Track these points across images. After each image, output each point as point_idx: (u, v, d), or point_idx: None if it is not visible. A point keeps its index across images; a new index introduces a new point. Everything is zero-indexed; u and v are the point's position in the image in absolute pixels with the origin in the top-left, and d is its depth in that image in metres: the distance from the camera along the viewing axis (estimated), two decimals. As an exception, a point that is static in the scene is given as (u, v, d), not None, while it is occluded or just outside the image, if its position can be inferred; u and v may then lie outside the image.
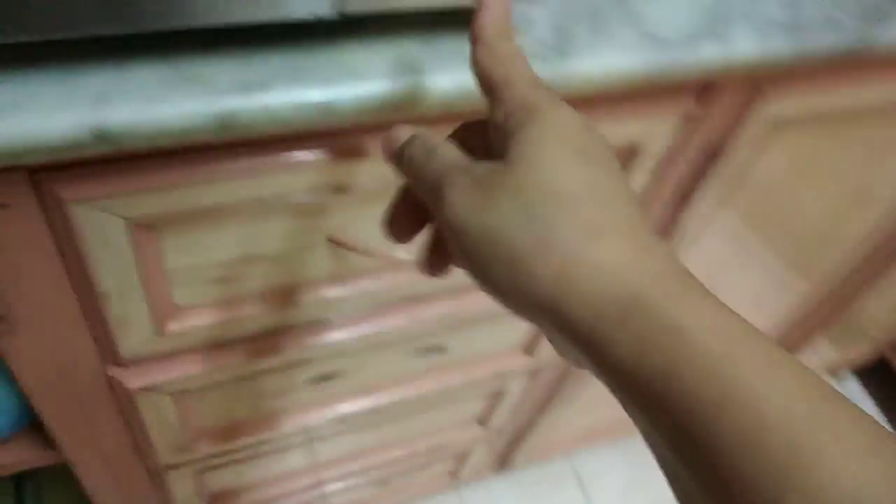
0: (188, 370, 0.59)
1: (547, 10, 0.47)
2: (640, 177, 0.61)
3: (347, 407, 0.77)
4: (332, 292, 0.59)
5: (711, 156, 0.62)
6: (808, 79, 0.59)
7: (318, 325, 0.62)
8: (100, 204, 0.42)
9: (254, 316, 0.57)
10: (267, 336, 0.60)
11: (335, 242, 0.54)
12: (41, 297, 0.47)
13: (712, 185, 0.66)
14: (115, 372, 0.56)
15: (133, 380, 0.57)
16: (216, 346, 0.58)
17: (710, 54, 0.48)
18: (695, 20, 0.49)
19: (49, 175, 0.40)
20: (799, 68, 0.53)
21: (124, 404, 0.59)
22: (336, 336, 0.63)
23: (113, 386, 0.57)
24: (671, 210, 0.69)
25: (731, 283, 0.91)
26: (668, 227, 0.71)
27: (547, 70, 0.44)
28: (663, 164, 0.62)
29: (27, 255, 0.44)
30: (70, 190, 0.41)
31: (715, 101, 0.57)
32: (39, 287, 0.46)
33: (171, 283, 0.51)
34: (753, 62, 0.50)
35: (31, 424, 0.66)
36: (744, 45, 0.49)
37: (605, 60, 0.45)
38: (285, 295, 0.57)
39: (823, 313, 1.09)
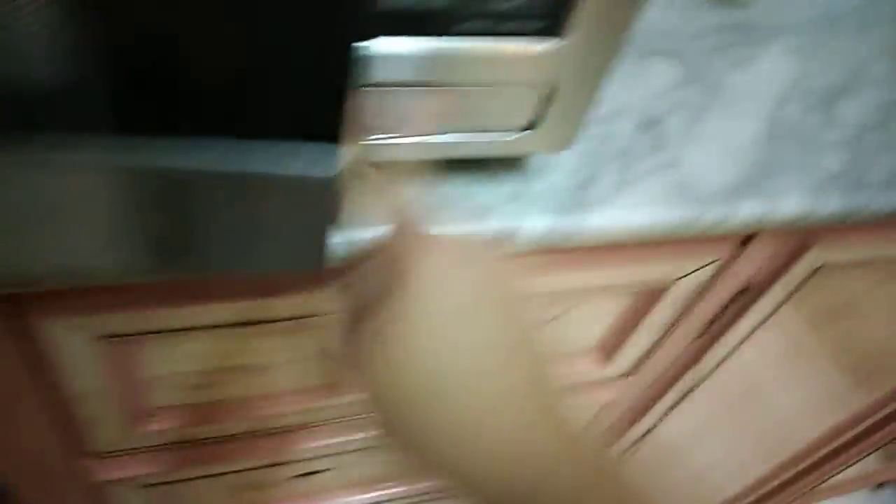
0: (161, 466, 0.56)
1: (573, 152, 0.42)
2: (665, 312, 0.56)
3: (336, 500, 0.73)
4: (319, 402, 0.55)
5: (749, 296, 0.57)
6: (868, 231, 0.53)
7: (302, 430, 0.58)
8: (66, 321, 0.39)
9: (234, 419, 0.54)
10: (248, 437, 0.57)
11: (324, 356, 0.51)
12: (7, 393, 0.45)
13: (748, 319, 0.60)
14: (85, 463, 0.53)
15: (103, 472, 0.54)
16: (192, 444, 0.55)
17: (750, 212, 0.43)
18: (739, 171, 0.44)
19: (13, 293, 0.37)
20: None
21: (95, 492, 0.57)
22: (321, 441, 0.60)
23: (82, 476, 0.54)
24: (700, 342, 0.63)
25: (782, 387, 0.84)
26: (697, 356, 0.65)
27: (557, 221, 0.40)
28: (692, 301, 0.56)
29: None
30: (35, 306, 0.38)
31: (756, 249, 0.51)
32: (4, 383, 0.44)
33: (147, 387, 0.48)
34: (800, 220, 0.45)
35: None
36: (790, 203, 0.44)
37: (624, 215, 0.41)
38: (268, 401, 0.54)
39: (879, 431, 1.01)
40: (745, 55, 0.50)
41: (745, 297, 0.58)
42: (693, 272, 0.52)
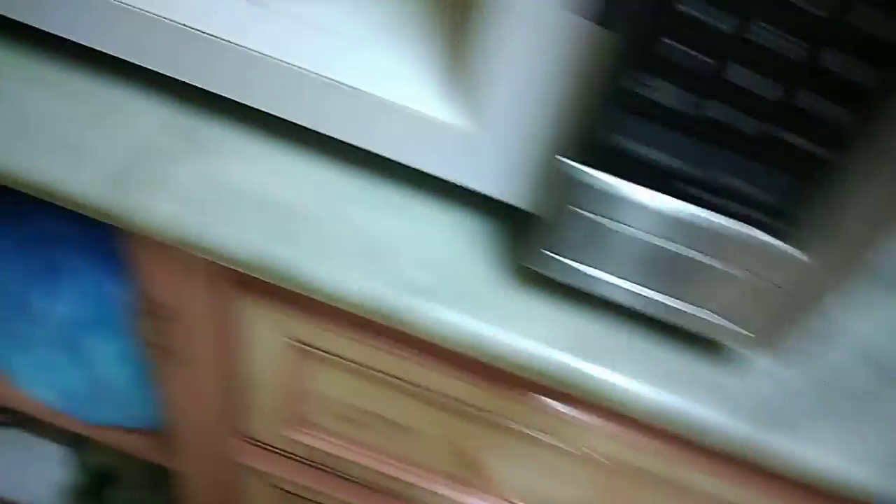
0: (293, 477, 0.59)
1: (783, 364, 0.39)
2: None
3: None
4: (442, 489, 0.55)
5: None
6: None
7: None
8: (264, 310, 0.45)
9: (365, 465, 0.56)
10: (371, 488, 0.59)
11: (460, 453, 0.51)
12: (203, 353, 0.51)
13: None
14: (234, 441, 0.58)
15: (246, 456, 0.59)
16: (323, 470, 0.58)
17: None
18: None
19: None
20: None
21: (234, 470, 0.62)
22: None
23: (228, 451, 0.59)
24: None
25: None
26: None
27: (752, 430, 0.36)
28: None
29: (198, 321, 0.48)
30: (247, 285, 0.43)
31: None
32: (204, 344, 0.50)
33: (309, 399, 0.52)
34: None
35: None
36: None
37: (828, 460, 0.36)
38: (400, 464, 0.55)
39: None
40: None
41: None
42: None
